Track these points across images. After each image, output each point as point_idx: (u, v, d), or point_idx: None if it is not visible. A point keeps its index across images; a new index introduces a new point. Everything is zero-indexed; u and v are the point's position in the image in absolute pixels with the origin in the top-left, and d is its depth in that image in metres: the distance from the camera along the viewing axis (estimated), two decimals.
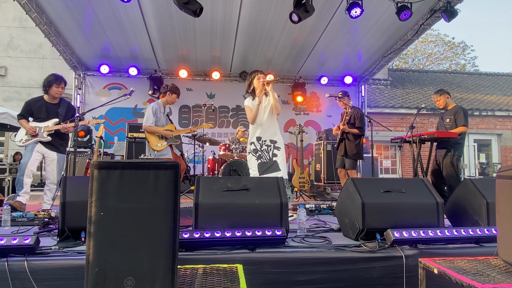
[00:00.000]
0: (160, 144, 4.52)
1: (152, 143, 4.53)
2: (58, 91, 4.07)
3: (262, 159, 3.60)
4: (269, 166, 3.56)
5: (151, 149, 4.53)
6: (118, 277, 1.30)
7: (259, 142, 3.62)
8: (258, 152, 3.62)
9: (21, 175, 3.89)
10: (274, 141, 3.63)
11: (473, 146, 11.85)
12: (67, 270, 1.97)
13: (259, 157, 3.61)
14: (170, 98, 4.72)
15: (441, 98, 4.82)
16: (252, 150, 3.64)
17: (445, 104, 4.81)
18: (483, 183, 2.77)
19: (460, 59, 22.70)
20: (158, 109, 4.64)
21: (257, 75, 3.65)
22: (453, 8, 5.24)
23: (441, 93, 4.83)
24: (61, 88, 4.09)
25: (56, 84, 4.05)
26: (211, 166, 6.56)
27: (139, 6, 5.66)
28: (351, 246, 2.32)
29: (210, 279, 1.55)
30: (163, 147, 4.52)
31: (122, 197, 1.34)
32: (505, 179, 1.66)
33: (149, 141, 4.56)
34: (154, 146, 4.51)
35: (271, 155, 3.59)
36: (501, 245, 1.71)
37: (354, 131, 5.07)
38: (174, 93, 4.71)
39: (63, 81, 4.12)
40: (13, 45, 11.27)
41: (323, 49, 7.22)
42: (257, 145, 3.63)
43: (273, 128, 3.68)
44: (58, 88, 4.07)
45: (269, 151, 3.60)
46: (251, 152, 3.65)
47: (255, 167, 3.60)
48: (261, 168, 3.57)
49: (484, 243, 2.39)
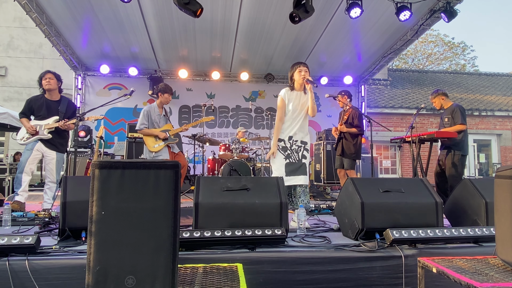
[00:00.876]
0: (157, 145, 4.54)
1: (149, 145, 4.56)
2: (46, 82, 4.06)
3: (290, 159, 3.40)
4: (298, 167, 3.38)
5: (149, 150, 4.56)
6: (119, 276, 1.31)
7: (289, 141, 3.44)
8: (287, 151, 3.42)
9: (20, 173, 3.90)
10: (305, 142, 3.48)
11: (473, 146, 11.86)
12: (68, 270, 1.98)
13: (287, 156, 3.41)
14: (163, 98, 4.73)
15: (435, 99, 4.83)
16: (281, 148, 3.43)
17: (440, 105, 4.82)
18: (482, 183, 2.78)
19: (460, 59, 22.75)
20: (150, 111, 4.66)
21: (299, 67, 3.46)
22: (452, 9, 5.25)
23: (436, 95, 4.83)
24: (48, 79, 4.07)
25: (43, 78, 4.07)
26: (211, 166, 6.56)
27: (139, 6, 5.67)
28: (351, 245, 2.33)
29: (210, 278, 1.56)
30: (160, 148, 4.54)
31: (123, 196, 1.35)
32: (503, 179, 1.67)
33: (145, 143, 4.59)
34: (151, 147, 4.54)
35: (300, 156, 3.42)
36: (499, 245, 1.71)
37: (352, 130, 5.08)
38: (165, 92, 4.71)
39: (48, 72, 4.11)
40: (13, 45, 11.28)
41: (323, 49, 7.23)
42: (287, 143, 3.43)
43: (306, 128, 3.54)
44: (45, 80, 4.07)
45: (299, 152, 3.43)
46: (279, 150, 3.43)
47: (282, 166, 3.38)
48: (288, 168, 3.37)
49: (482, 242, 2.40)
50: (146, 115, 4.61)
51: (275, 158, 3.44)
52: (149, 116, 4.62)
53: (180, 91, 8.31)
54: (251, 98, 8.60)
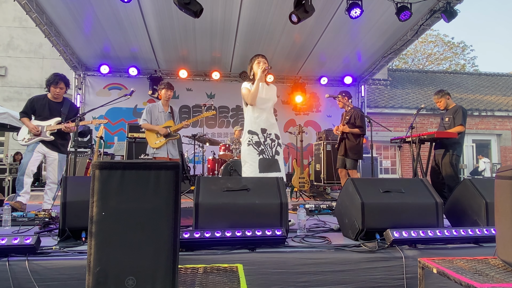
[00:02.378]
0: (158, 141, 4.56)
1: (151, 141, 4.58)
2: (55, 92, 4.06)
3: (264, 154, 3.20)
4: (271, 164, 3.20)
5: (150, 146, 4.59)
6: (119, 276, 1.31)
7: (263, 135, 3.23)
8: (261, 146, 3.20)
9: (21, 175, 3.90)
10: (278, 137, 3.32)
11: (471, 146, 11.86)
12: (68, 270, 1.98)
13: (261, 151, 3.20)
14: (162, 95, 4.75)
15: (441, 99, 4.82)
16: (254, 143, 3.20)
17: (446, 105, 4.83)
18: (482, 183, 2.78)
19: (460, 59, 22.75)
20: (152, 108, 4.70)
21: (257, 59, 3.35)
22: (452, 9, 5.25)
23: (442, 95, 4.83)
24: (59, 89, 4.06)
25: (54, 85, 4.03)
26: (211, 166, 6.56)
27: (139, 6, 5.66)
28: (351, 246, 2.33)
29: (210, 279, 1.56)
30: (162, 144, 4.55)
31: (123, 197, 1.35)
32: (504, 179, 1.67)
33: (147, 139, 4.61)
34: (153, 143, 4.56)
35: (274, 152, 3.25)
36: (500, 245, 1.71)
37: (354, 130, 5.08)
38: (162, 89, 4.73)
39: (61, 81, 4.07)
40: (13, 45, 11.27)
41: (323, 50, 7.23)
42: (260, 137, 3.22)
43: (274, 120, 3.38)
44: (56, 89, 4.05)
45: (273, 147, 3.26)
46: (252, 144, 3.20)
47: (255, 162, 3.17)
48: (262, 164, 3.17)
49: (483, 243, 2.40)
50: (148, 111, 4.66)
51: (248, 153, 3.22)
52: (151, 112, 4.66)
53: (180, 91, 8.30)
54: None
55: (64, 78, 4.13)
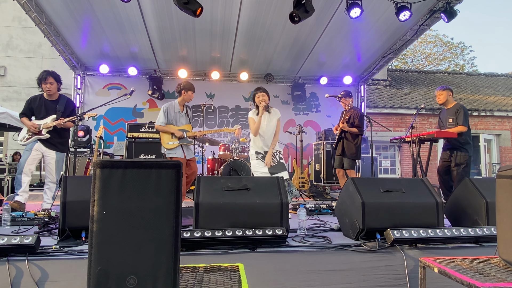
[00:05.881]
0: (171, 142, 4.46)
1: (164, 141, 4.49)
2: (46, 88, 4.02)
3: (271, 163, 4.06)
4: (279, 166, 4.01)
5: (163, 147, 4.52)
6: (120, 276, 1.31)
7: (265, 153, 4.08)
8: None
9: (20, 174, 3.88)
10: (279, 151, 4.15)
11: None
12: (68, 270, 1.97)
13: None
14: (186, 96, 4.61)
15: (443, 93, 4.69)
16: (261, 158, 4.06)
17: (445, 100, 4.70)
18: (482, 183, 2.78)
19: (459, 60, 22.77)
20: (169, 108, 4.56)
21: (257, 94, 4.10)
22: (452, 9, 5.25)
23: (444, 89, 4.72)
24: (49, 84, 4.02)
25: (43, 81, 4.01)
26: (211, 166, 6.56)
27: (139, 6, 5.66)
28: (351, 245, 2.33)
29: (212, 278, 1.55)
30: (174, 146, 4.45)
31: (124, 196, 1.34)
32: (505, 179, 1.67)
33: (161, 139, 4.54)
34: (165, 144, 4.47)
35: (278, 158, 4.07)
36: (501, 245, 1.71)
37: (353, 130, 5.07)
38: (189, 90, 4.61)
39: (49, 76, 4.03)
40: (12, 45, 11.25)
41: (323, 50, 7.22)
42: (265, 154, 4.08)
43: (276, 141, 4.15)
44: (46, 85, 4.02)
45: (276, 155, 4.08)
46: (260, 159, 4.05)
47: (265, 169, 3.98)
48: (271, 169, 3.97)
49: (483, 242, 2.41)
50: (165, 111, 4.53)
51: (257, 165, 4.05)
52: (168, 113, 4.54)
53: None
54: (250, 98, 8.59)
55: (52, 73, 4.08)
